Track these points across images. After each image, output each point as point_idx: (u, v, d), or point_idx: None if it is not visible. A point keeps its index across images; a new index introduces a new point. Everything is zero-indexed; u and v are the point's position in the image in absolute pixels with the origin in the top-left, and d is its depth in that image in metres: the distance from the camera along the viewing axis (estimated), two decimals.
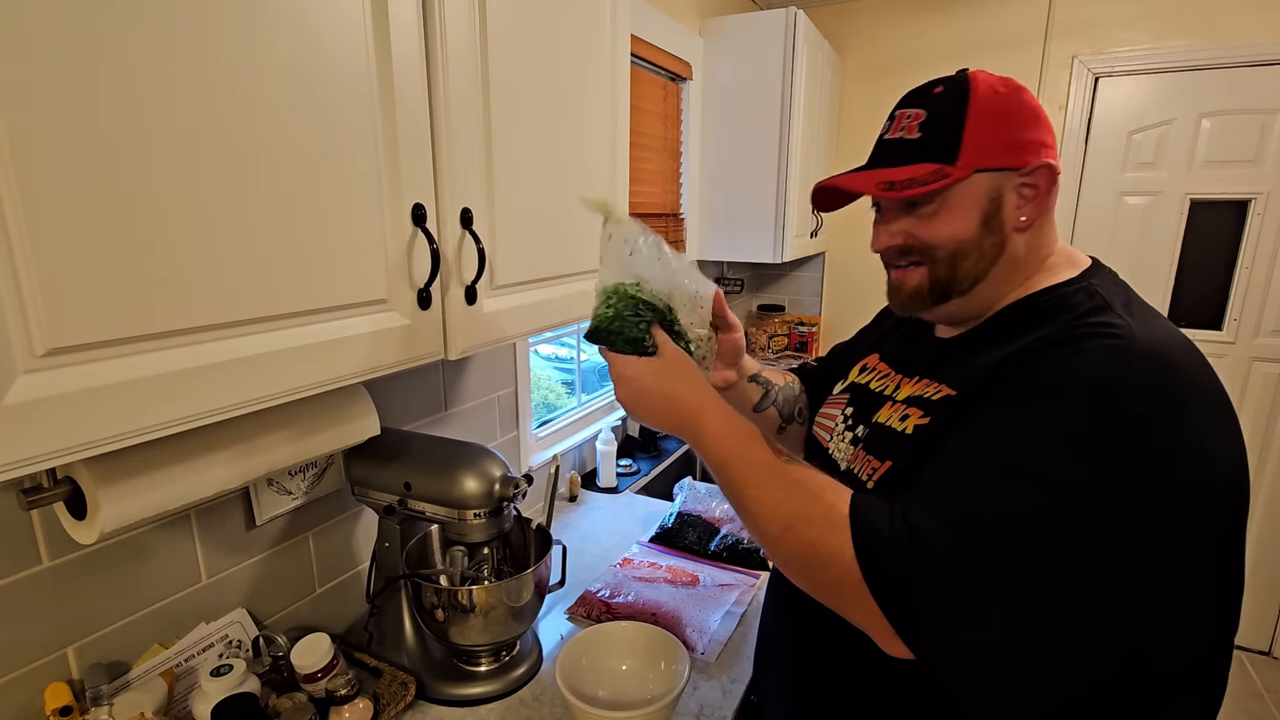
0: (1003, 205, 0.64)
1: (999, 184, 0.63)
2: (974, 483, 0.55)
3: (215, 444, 0.68)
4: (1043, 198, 0.64)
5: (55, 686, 0.70)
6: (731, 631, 1.08)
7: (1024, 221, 0.64)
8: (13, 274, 0.42)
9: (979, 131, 0.63)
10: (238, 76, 0.52)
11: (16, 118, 0.40)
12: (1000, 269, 0.65)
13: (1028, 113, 0.64)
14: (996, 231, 0.64)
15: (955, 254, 0.65)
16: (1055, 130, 0.69)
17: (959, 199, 0.64)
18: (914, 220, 0.66)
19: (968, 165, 0.62)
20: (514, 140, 0.82)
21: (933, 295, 0.68)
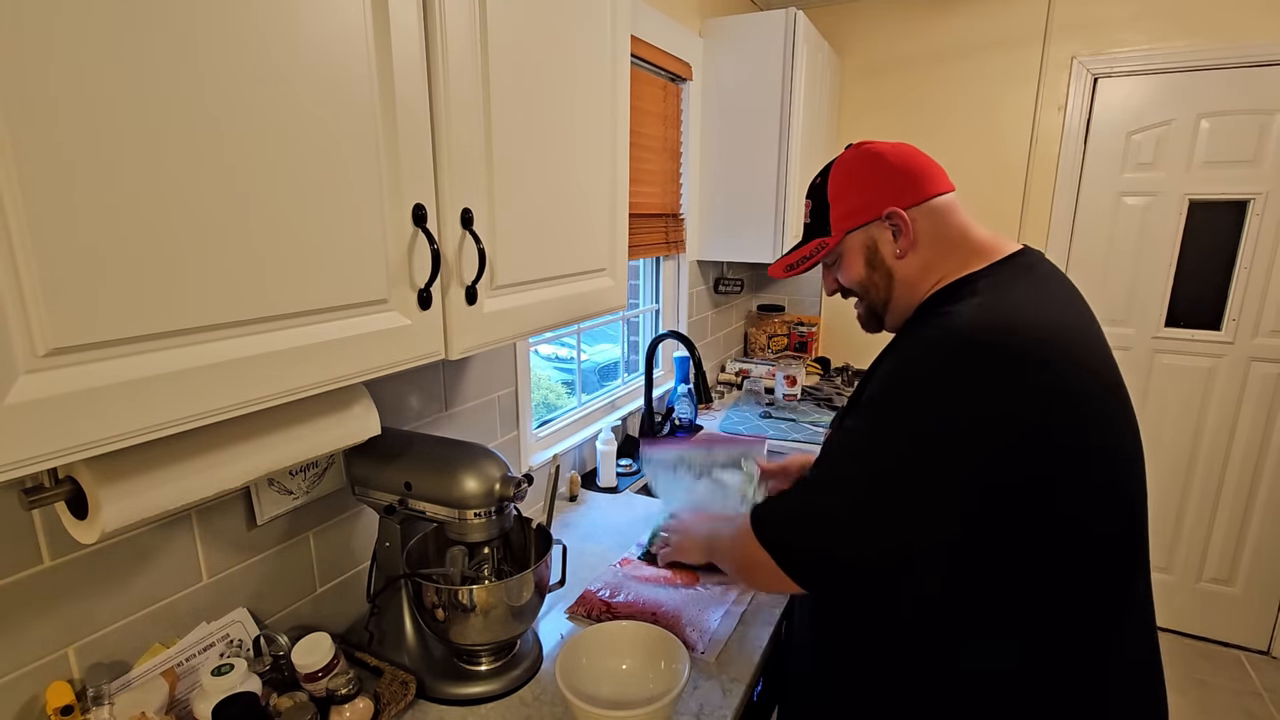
0: (879, 247, 0.85)
1: (869, 233, 0.85)
2: (825, 459, 0.79)
3: (216, 444, 0.68)
4: (908, 230, 0.82)
5: (57, 686, 0.71)
6: (731, 631, 1.08)
7: (899, 253, 0.83)
8: (14, 274, 0.42)
9: (838, 204, 0.86)
10: (238, 76, 0.52)
11: (17, 118, 0.41)
12: (899, 290, 0.85)
13: (874, 173, 0.83)
14: (880, 267, 0.85)
15: (863, 290, 0.88)
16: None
17: (847, 253, 0.87)
18: (835, 273, 0.91)
19: (839, 231, 0.86)
20: (514, 141, 0.82)
21: (871, 319, 0.91)
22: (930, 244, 0.82)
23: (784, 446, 1.97)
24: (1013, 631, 0.72)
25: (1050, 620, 0.72)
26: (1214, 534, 2.44)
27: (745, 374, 2.55)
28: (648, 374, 1.91)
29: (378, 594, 0.96)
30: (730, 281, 2.51)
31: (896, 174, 0.82)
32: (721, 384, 2.54)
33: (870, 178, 0.83)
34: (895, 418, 0.72)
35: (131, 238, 0.47)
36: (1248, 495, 2.38)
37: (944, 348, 0.70)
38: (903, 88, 2.57)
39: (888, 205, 0.82)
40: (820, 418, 2.17)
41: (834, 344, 2.89)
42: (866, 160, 0.84)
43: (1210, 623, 2.50)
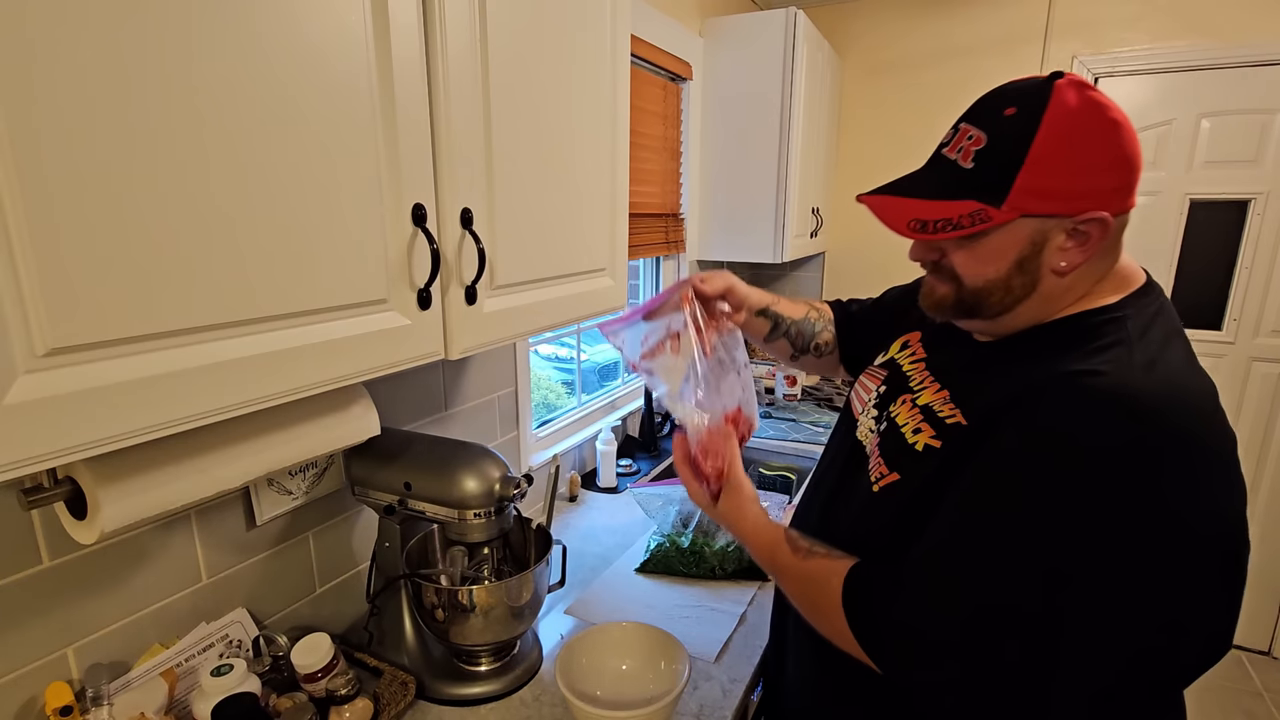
0: (1044, 249, 0.60)
1: (1045, 229, 0.59)
2: (953, 567, 0.59)
3: (215, 444, 0.68)
4: (1091, 246, 0.60)
5: (56, 686, 0.70)
6: (731, 631, 1.08)
7: (1064, 267, 0.60)
8: (13, 274, 0.42)
9: (1037, 173, 0.57)
10: (238, 77, 0.52)
11: (16, 119, 0.40)
12: (1029, 305, 0.64)
13: (1105, 150, 0.58)
14: (1030, 274, 0.62)
15: (981, 290, 0.64)
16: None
17: (997, 240, 0.61)
18: (953, 244, 0.64)
19: (1013, 209, 0.58)
20: (514, 140, 0.82)
21: (956, 311, 0.68)
22: (1097, 262, 0.62)
23: (784, 447, 1.97)
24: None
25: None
26: None
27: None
28: None
29: (377, 594, 0.96)
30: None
31: (1125, 164, 0.59)
32: None
33: (1099, 158, 0.58)
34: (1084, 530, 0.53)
35: (131, 238, 0.47)
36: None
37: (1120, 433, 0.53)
38: (903, 87, 2.57)
39: (1099, 208, 0.58)
40: (820, 417, 2.17)
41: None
42: (1100, 126, 0.58)
43: None
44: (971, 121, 0.62)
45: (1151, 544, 0.53)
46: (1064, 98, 0.58)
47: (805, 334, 1.01)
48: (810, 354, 1.02)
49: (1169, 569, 0.53)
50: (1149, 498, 0.52)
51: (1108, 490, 0.52)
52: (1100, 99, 0.59)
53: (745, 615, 1.12)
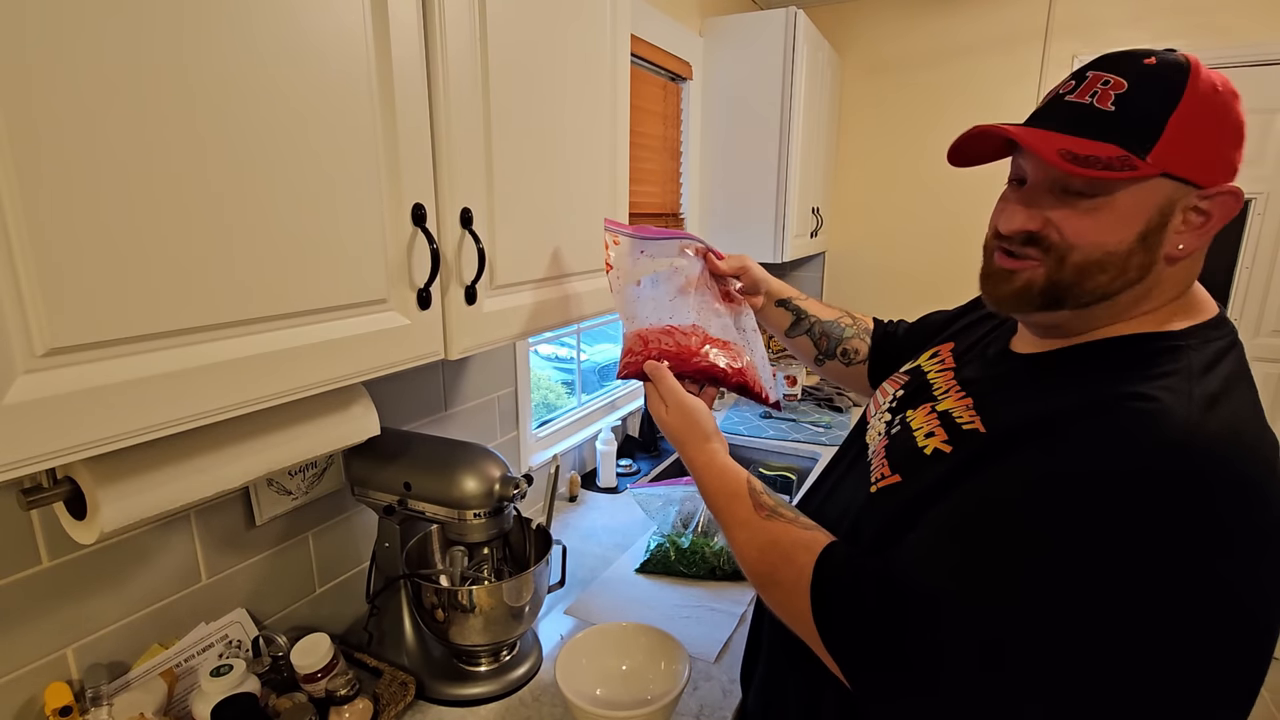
0: (1168, 224, 0.54)
1: (1175, 198, 0.53)
2: (943, 567, 0.52)
3: (215, 444, 0.68)
4: (1212, 227, 0.55)
5: (55, 686, 0.70)
6: (731, 631, 1.08)
7: (1181, 250, 0.54)
8: (13, 274, 0.42)
9: (1183, 128, 0.52)
10: (238, 76, 0.52)
11: (15, 120, 0.40)
12: (1132, 293, 0.56)
13: (1236, 128, 0.56)
14: (1152, 250, 0.54)
15: (1093, 264, 0.55)
16: None
17: (1129, 200, 0.53)
18: (1066, 211, 0.55)
19: (1159, 163, 0.52)
20: (514, 140, 0.82)
21: (1043, 299, 0.58)
22: (1197, 259, 0.57)
23: (784, 447, 1.97)
24: None
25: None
26: None
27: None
28: None
29: (377, 594, 0.96)
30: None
31: (1240, 148, 0.57)
32: None
33: (1235, 133, 0.56)
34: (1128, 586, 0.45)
35: (130, 238, 0.46)
36: None
37: (1171, 463, 0.46)
38: (903, 86, 2.57)
39: (1232, 176, 0.55)
40: (821, 417, 2.17)
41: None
42: (1233, 101, 0.56)
43: None
44: (1105, 69, 0.55)
45: (1180, 604, 0.44)
46: (1205, 71, 0.54)
47: (832, 336, 0.97)
48: (837, 359, 0.98)
49: (1196, 641, 0.45)
50: (1191, 549, 0.44)
51: (1143, 530, 0.44)
52: (1219, 77, 0.56)
53: (745, 615, 1.12)
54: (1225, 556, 0.44)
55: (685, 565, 1.25)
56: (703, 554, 1.26)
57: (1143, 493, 0.45)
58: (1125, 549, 0.45)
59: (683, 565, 1.25)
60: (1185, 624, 0.44)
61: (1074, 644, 0.46)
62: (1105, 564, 0.45)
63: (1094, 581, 0.45)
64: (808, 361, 1.01)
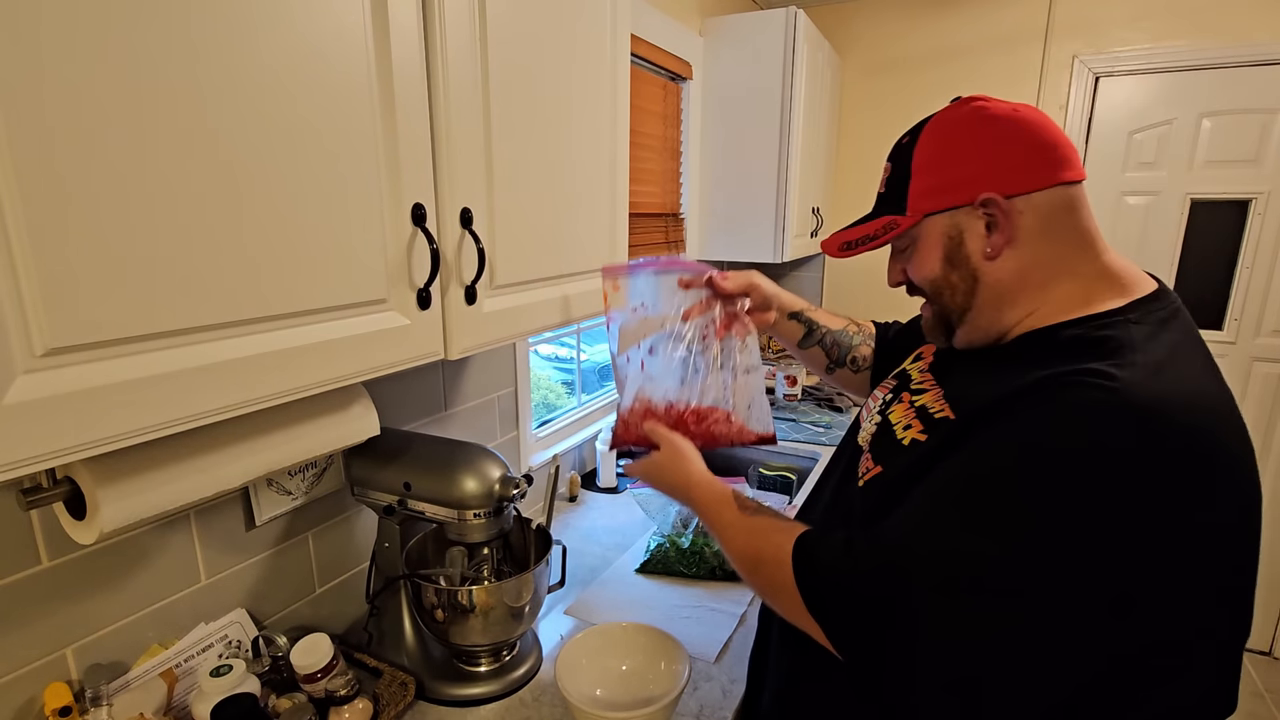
0: (965, 241, 0.64)
1: (956, 222, 0.64)
2: (920, 528, 0.58)
3: (215, 444, 0.68)
4: (1007, 228, 0.62)
5: (55, 686, 0.70)
6: (731, 631, 1.08)
7: (990, 252, 0.63)
8: (12, 274, 0.42)
9: (922, 176, 0.65)
10: (237, 77, 0.52)
11: (15, 121, 0.40)
12: (984, 297, 0.65)
13: (980, 143, 0.63)
14: (962, 266, 0.65)
15: (934, 291, 0.68)
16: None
17: (924, 241, 0.67)
18: (905, 260, 0.70)
19: (916, 211, 0.66)
20: (514, 140, 0.82)
21: (939, 328, 0.71)
22: (1041, 245, 0.62)
23: (784, 447, 1.97)
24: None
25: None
26: None
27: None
28: None
29: (377, 595, 0.96)
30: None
31: (1012, 148, 0.62)
32: None
33: (972, 148, 0.63)
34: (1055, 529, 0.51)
35: (129, 238, 0.46)
36: None
37: (1129, 434, 0.50)
38: (904, 86, 2.57)
39: (984, 189, 0.61)
40: (821, 417, 2.17)
41: None
42: (974, 123, 0.63)
43: None
44: (889, 158, 0.70)
45: (1141, 550, 0.50)
46: (945, 113, 0.66)
47: (842, 345, 1.00)
48: (847, 367, 1.01)
49: (1162, 583, 0.51)
50: (1149, 501, 0.50)
51: (1093, 492, 0.50)
52: (984, 103, 0.64)
53: (745, 615, 1.12)
54: (1183, 501, 0.50)
55: (685, 565, 1.25)
56: (703, 554, 1.26)
57: (1093, 462, 0.51)
58: (1081, 505, 0.51)
59: (683, 565, 1.25)
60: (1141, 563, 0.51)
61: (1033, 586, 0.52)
62: (1061, 518, 0.51)
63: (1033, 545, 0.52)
64: (818, 371, 1.03)
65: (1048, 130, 0.62)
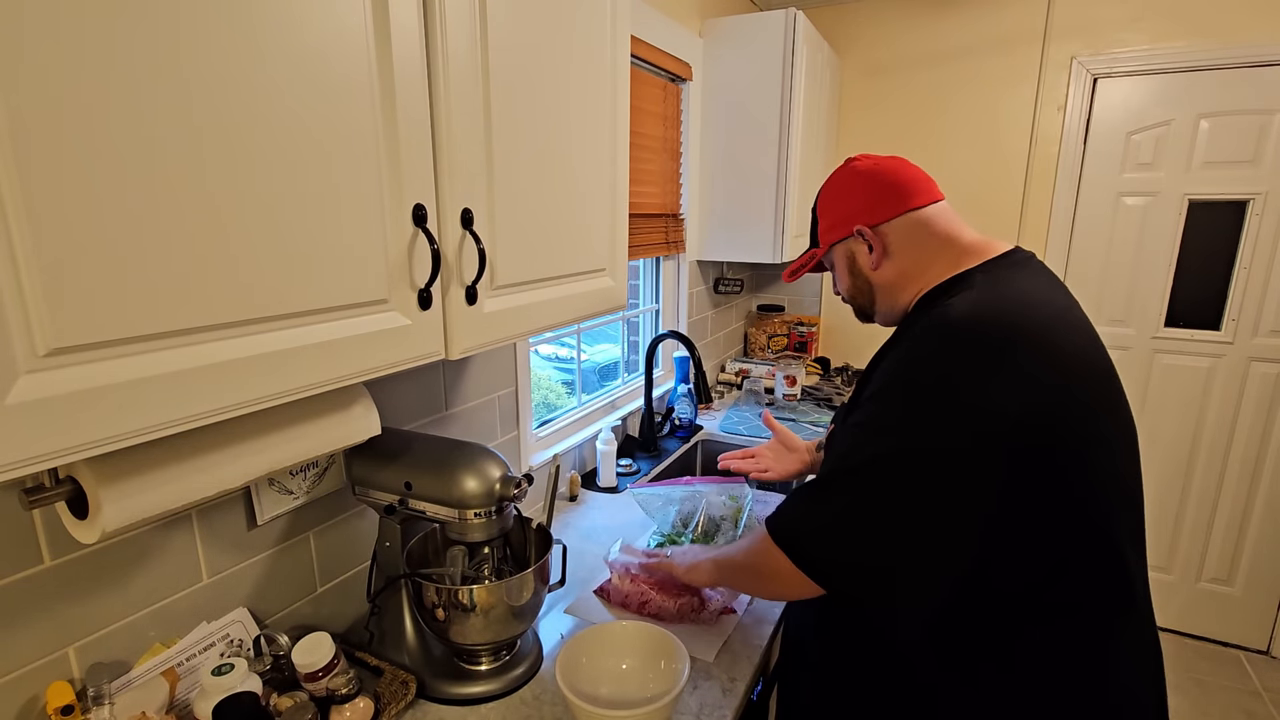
0: (856, 258, 0.92)
1: (847, 246, 0.92)
2: (836, 456, 0.80)
3: (216, 444, 0.68)
4: (878, 245, 0.88)
5: (57, 685, 0.71)
6: (731, 631, 1.08)
7: (873, 265, 0.89)
8: (14, 274, 0.42)
9: (823, 218, 0.95)
10: (239, 78, 0.52)
11: (16, 120, 0.41)
12: (880, 294, 0.91)
13: (850, 191, 0.90)
14: (859, 275, 0.92)
15: (851, 296, 0.96)
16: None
17: (835, 263, 0.96)
18: (833, 276, 0.99)
19: (825, 243, 0.95)
20: (515, 141, 0.82)
21: (861, 316, 0.98)
22: (908, 253, 0.87)
23: None
24: (1028, 623, 0.74)
25: (1059, 614, 0.73)
26: (1213, 534, 2.44)
27: (745, 374, 2.55)
28: (648, 374, 1.91)
29: (378, 594, 0.96)
30: (730, 281, 2.51)
31: (871, 191, 0.88)
32: (721, 384, 2.54)
33: (846, 195, 0.91)
34: (909, 419, 0.72)
35: (131, 239, 0.47)
36: (1247, 495, 2.38)
37: (948, 340, 0.72)
38: (903, 87, 2.57)
39: (855, 223, 0.89)
40: (820, 417, 2.17)
41: (834, 344, 2.89)
42: (847, 178, 0.91)
43: (1210, 623, 2.50)
44: (812, 208, 0.99)
45: (943, 430, 0.70)
46: (834, 173, 0.94)
47: None
48: None
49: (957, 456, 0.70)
50: (942, 389, 0.71)
51: (918, 386, 0.73)
52: (855, 162, 0.92)
53: (745, 616, 1.12)
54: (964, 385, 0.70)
55: None
56: None
57: (937, 360, 0.72)
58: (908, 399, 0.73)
59: None
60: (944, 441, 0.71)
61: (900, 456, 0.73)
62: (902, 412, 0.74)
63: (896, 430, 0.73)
64: None
65: (900, 174, 0.88)
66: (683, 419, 2.05)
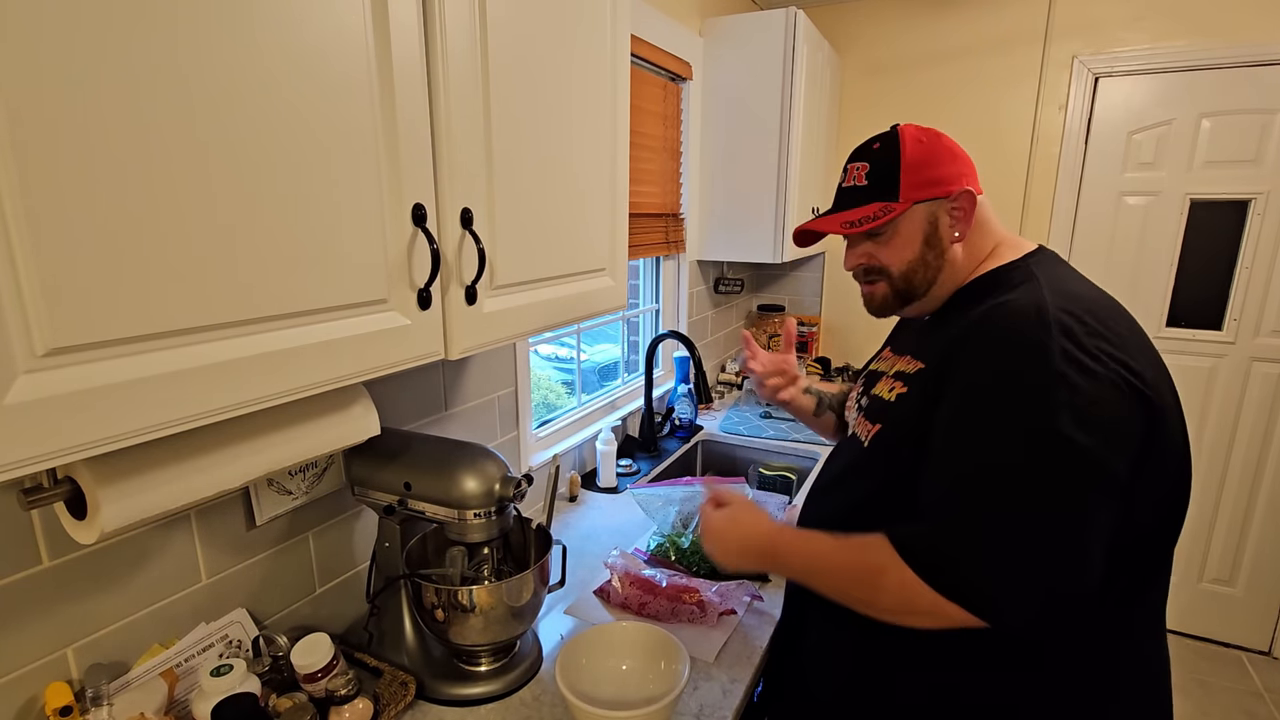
0: (939, 226, 0.83)
1: (933, 210, 0.82)
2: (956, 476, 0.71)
3: (215, 444, 0.68)
4: (969, 215, 0.82)
5: (56, 686, 0.70)
6: (731, 632, 1.08)
7: (958, 236, 0.83)
8: (13, 274, 0.42)
9: (910, 172, 0.81)
10: (238, 77, 0.52)
11: (15, 120, 0.40)
12: (945, 274, 0.84)
13: (946, 154, 0.83)
14: (936, 247, 0.83)
15: (908, 272, 0.84)
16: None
17: (905, 226, 0.83)
18: (874, 245, 0.86)
19: (907, 199, 0.81)
20: (514, 140, 0.82)
21: (898, 301, 0.87)
22: (978, 233, 0.84)
23: (784, 447, 1.97)
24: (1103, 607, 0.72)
25: (1130, 600, 0.73)
26: (1215, 534, 2.44)
27: (745, 374, 2.54)
28: (648, 374, 1.91)
29: (377, 594, 0.96)
30: (730, 281, 2.51)
31: (960, 158, 0.84)
32: (721, 384, 2.54)
33: (948, 155, 0.83)
34: (1042, 420, 0.65)
35: (130, 238, 0.47)
36: (1249, 495, 2.37)
37: (1045, 331, 0.67)
38: (903, 87, 2.57)
39: (964, 183, 0.82)
40: None
41: (834, 344, 2.88)
42: (938, 139, 0.84)
43: (1211, 623, 2.50)
44: (854, 160, 0.87)
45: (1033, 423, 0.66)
46: (908, 129, 0.84)
47: (843, 403, 1.15)
48: None
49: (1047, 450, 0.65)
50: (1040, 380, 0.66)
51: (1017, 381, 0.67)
52: (929, 130, 0.85)
53: (745, 616, 1.12)
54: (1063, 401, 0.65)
55: (685, 565, 1.25)
56: (702, 554, 1.25)
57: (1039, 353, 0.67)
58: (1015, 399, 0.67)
59: (683, 565, 1.25)
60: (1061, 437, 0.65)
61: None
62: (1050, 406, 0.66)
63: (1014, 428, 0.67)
64: (829, 434, 1.20)
65: (959, 147, 0.85)
66: (683, 419, 2.05)
